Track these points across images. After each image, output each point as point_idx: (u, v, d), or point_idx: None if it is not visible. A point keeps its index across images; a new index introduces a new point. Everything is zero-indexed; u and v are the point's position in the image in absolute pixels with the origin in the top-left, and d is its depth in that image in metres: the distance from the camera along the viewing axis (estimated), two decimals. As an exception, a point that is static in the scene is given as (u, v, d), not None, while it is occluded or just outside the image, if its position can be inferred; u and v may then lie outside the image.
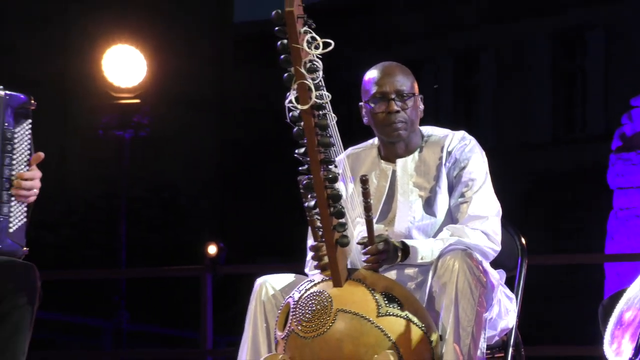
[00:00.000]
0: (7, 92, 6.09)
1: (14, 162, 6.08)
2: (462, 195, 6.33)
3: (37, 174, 6.12)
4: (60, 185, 32.38)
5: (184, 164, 38.53)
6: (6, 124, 6.06)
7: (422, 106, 6.48)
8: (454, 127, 6.59)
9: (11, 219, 6.08)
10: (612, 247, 15.08)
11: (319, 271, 5.94)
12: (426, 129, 6.51)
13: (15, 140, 6.12)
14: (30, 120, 6.20)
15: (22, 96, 6.16)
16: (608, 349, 5.53)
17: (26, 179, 6.07)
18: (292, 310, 5.88)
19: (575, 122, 39.46)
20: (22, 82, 6.55)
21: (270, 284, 6.21)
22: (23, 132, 6.15)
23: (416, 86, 6.47)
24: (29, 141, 6.16)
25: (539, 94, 40.86)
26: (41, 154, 6.20)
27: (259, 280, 6.25)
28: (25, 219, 6.16)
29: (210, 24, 44.55)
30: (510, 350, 6.41)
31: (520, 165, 31.79)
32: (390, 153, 6.43)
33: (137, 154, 24.37)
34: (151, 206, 34.05)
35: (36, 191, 6.18)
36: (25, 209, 6.18)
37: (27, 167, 6.15)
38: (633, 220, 14.78)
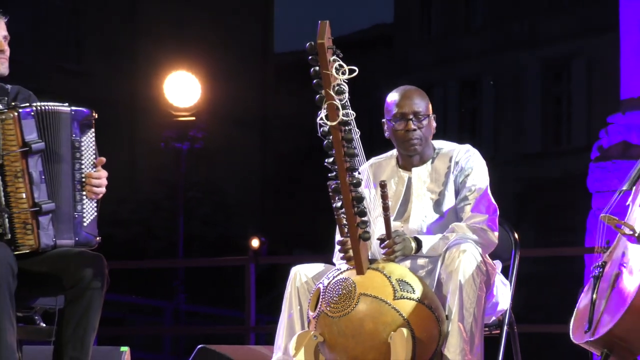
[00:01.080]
0: (73, 107, 6.08)
1: (82, 166, 6.08)
2: (466, 198, 6.32)
3: (103, 174, 6.11)
4: (130, 188, 32.44)
5: (231, 171, 38.62)
6: (74, 135, 6.05)
7: (434, 124, 6.48)
8: (460, 140, 6.59)
9: (84, 215, 6.08)
10: (590, 241, 15.03)
11: (344, 261, 5.93)
12: (437, 143, 6.50)
13: (82, 148, 6.11)
14: (93, 130, 6.18)
15: (85, 110, 6.14)
16: (572, 329, 5.53)
17: (94, 179, 6.09)
18: (322, 294, 5.86)
19: (561, 136, 39.61)
20: (99, 103, 6.59)
21: (303, 272, 6.20)
22: (88, 140, 6.14)
23: (430, 107, 6.46)
24: (93, 147, 6.14)
25: (531, 113, 41.06)
26: (103, 159, 6.19)
27: (294, 269, 6.24)
28: (95, 214, 6.15)
29: (255, 53, 44.65)
30: (505, 328, 6.40)
31: (514, 173, 31.74)
32: (407, 163, 6.43)
33: (192, 163, 24.46)
34: (204, 206, 34.12)
35: (103, 189, 6.18)
36: (95, 204, 6.18)
37: (94, 169, 6.16)
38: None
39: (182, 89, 21.88)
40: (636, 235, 5.33)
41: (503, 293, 6.34)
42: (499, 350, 6.35)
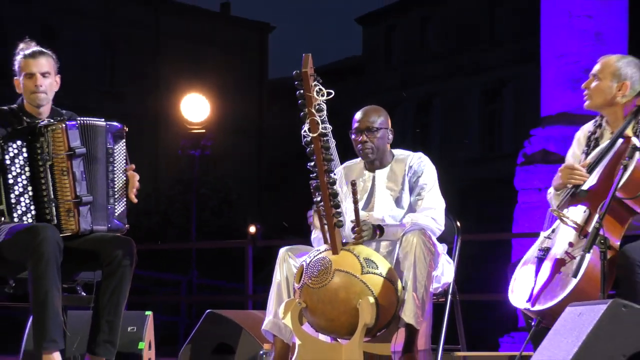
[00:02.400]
0: (108, 122, 6.24)
1: (115, 169, 6.22)
2: (419, 194, 6.33)
3: (132, 175, 6.32)
4: (153, 186, 32.39)
5: (234, 172, 38.53)
6: (108, 144, 6.18)
7: (391, 136, 6.47)
8: (415, 149, 6.60)
9: (116, 207, 6.23)
10: (517, 229, 15.04)
11: (323, 243, 5.96)
12: (396, 151, 6.51)
13: (115, 154, 6.22)
14: (124, 140, 6.30)
15: (118, 124, 6.29)
16: (511, 296, 5.51)
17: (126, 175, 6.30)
18: (304, 269, 5.87)
19: (494, 145, 39.72)
20: (128, 118, 6.63)
21: (290, 253, 6.20)
22: (120, 149, 6.25)
23: (388, 122, 6.46)
24: (124, 154, 6.27)
25: (472, 126, 41.16)
26: (133, 165, 6.36)
27: (282, 250, 6.24)
28: (124, 207, 6.29)
29: (253, 79, 44.74)
30: (449, 296, 6.43)
31: (459, 174, 31.71)
32: (371, 166, 6.44)
33: (203, 166, 24.41)
34: (212, 200, 34.05)
35: (135, 191, 6.28)
36: (125, 200, 6.28)
37: (125, 174, 6.25)
38: (531, 211, 14.72)
39: (195, 107, 21.90)
40: (576, 227, 5.32)
41: (447, 269, 6.36)
42: (444, 314, 6.37)
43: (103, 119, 6.24)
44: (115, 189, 6.22)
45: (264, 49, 47.39)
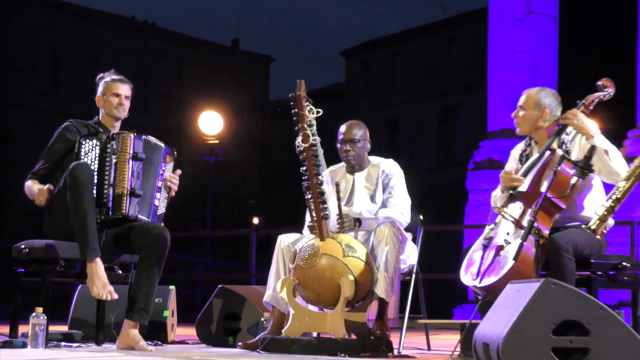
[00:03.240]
0: (166, 146, 6.45)
1: (161, 179, 6.38)
2: (390, 193, 6.32)
3: (176, 182, 6.53)
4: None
5: (242, 175, 38.54)
6: (162, 160, 6.37)
7: (369, 146, 6.48)
8: (387, 156, 6.59)
9: (159, 207, 6.36)
10: (467, 221, 15.05)
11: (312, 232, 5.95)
12: (372, 158, 6.50)
13: (165, 170, 6.42)
14: (173, 162, 6.52)
15: (170, 149, 6.49)
16: (463, 275, 5.51)
17: (174, 180, 6.50)
18: (297, 253, 5.86)
19: (450, 155, 39.73)
20: (156, 131, 6.61)
21: (286, 239, 6.19)
22: (169, 167, 6.48)
23: (367, 134, 6.47)
24: (171, 170, 6.50)
25: (432, 140, 41.23)
26: (179, 171, 6.56)
27: (280, 237, 6.24)
28: (164, 210, 6.40)
29: (257, 101, 44.72)
30: (414, 275, 6.42)
31: (422, 178, 31.73)
32: (351, 170, 6.43)
33: (216, 171, 24.36)
34: (224, 198, 34.09)
35: (173, 194, 6.47)
36: (165, 204, 6.40)
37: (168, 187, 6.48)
38: (479, 207, 14.72)
39: (210, 122, 21.86)
40: (514, 221, 5.33)
41: (412, 253, 6.36)
42: (409, 289, 6.37)
43: (163, 142, 6.40)
44: (161, 194, 6.32)
45: (266, 76, 47.44)
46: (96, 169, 6.03)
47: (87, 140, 6.07)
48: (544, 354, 3.85)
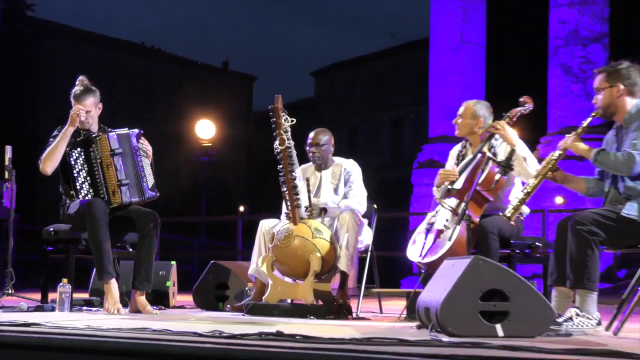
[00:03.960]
0: (131, 129, 6.22)
1: (140, 158, 6.17)
2: (350, 186, 6.32)
3: (149, 149, 6.29)
4: (176, 182, 32.20)
5: (232, 172, 38.39)
6: (133, 143, 6.16)
7: (332, 149, 6.49)
8: (348, 157, 6.59)
9: (147, 182, 6.18)
10: (413, 209, 15.09)
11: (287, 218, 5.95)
12: (336, 158, 6.50)
13: (140, 149, 6.20)
14: (142, 139, 6.25)
15: (137, 130, 6.26)
16: (409, 253, 5.53)
17: (146, 147, 6.27)
18: (275, 235, 5.86)
19: (399, 156, 39.76)
20: (160, 136, 6.56)
21: (266, 224, 6.20)
22: (142, 144, 6.21)
23: (331, 140, 6.47)
24: (145, 148, 6.23)
25: (384, 144, 41.24)
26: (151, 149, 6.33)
27: (261, 222, 6.24)
28: (153, 180, 6.23)
29: (243, 111, 44.54)
30: (369, 252, 6.43)
31: (376, 174, 31.74)
32: (319, 168, 6.43)
33: (210, 168, 24.25)
34: (216, 190, 33.93)
35: (150, 156, 6.29)
36: (152, 175, 6.23)
37: (148, 158, 6.24)
38: (422, 198, 14.75)
39: (205, 129, 21.75)
40: (451, 210, 5.36)
41: (368, 235, 6.38)
42: (366, 264, 6.38)
43: (127, 128, 6.24)
44: (145, 171, 6.17)
45: (250, 91, 47.33)
46: (87, 172, 6.01)
47: (74, 150, 6.02)
48: (473, 316, 3.87)
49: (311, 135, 6.45)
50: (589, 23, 14.67)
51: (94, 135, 6.09)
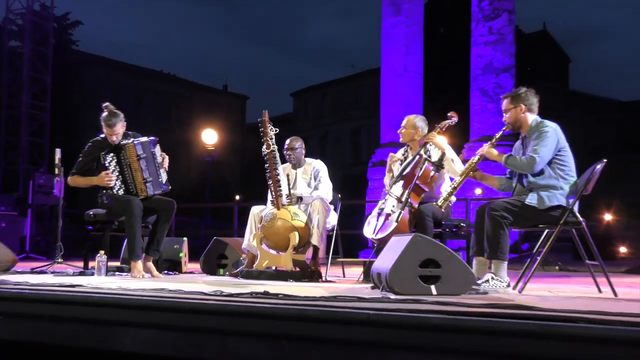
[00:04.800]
0: (151, 137, 6.13)
1: (157, 160, 6.08)
2: (319, 180, 6.29)
3: (165, 157, 6.18)
4: (186, 178, 31.97)
5: (229, 169, 38.22)
6: (152, 148, 6.07)
7: (304, 152, 6.45)
8: (317, 158, 6.56)
9: (162, 179, 6.09)
10: (368, 198, 15.08)
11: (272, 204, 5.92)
12: (307, 159, 6.46)
13: (156, 153, 6.10)
14: (158, 145, 6.15)
15: (154, 138, 6.17)
16: (365, 231, 5.52)
17: (165, 162, 6.15)
18: (263, 218, 5.83)
19: (358, 157, 39.71)
20: (176, 142, 6.51)
21: (256, 209, 6.15)
22: (158, 149, 6.12)
23: (302, 145, 6.45)
24: (160, 152, 6.12)
25: (347, 148, 41.16)
26: (165, 155, 6.23)
27: (252, 208, 6.18)
28: (166, 176, 6.14)
29: (238, 122, 44.27)
30: (335, 231, 6.40)
31: (340, 171, 31.79)
32: (294, 167, 6.39)
33: (213, 166, 24.10)
34: (217, 184, 33.71)
35: (166, 166, 6.17)
36: (165, 172, 6.14)
37: (162, 160, 6.15)
38: (375, 189, 14.74)
39: (209, 136, 21.58)
40: (397, 198, 5.36)
41: (333, 218, 6.33)
42: (332, 240, 6.36)
43: (146, 137, 6.13)
44: (160, 170, 6.08)
45: (244, 107, 47.01)
46: (119, 172, 5.96)
47: (107, 154, 5.97)
48: (414, 279, 3.87)
49: (287, 142, 6.42)
50: (500, 58, 14.76)
51: (123, 143, 6.01)
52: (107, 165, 5.95)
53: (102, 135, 6.06)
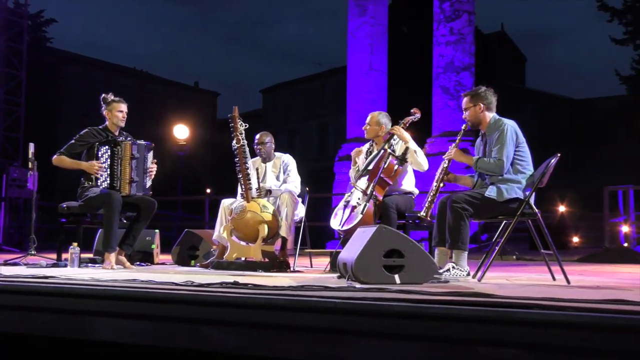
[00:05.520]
0: (147, 142, 6.10)
1: (147, 165, 6.04)
2: (288, 174, 6.29)
3: (154, 166, 6.07)
4: (159, 171, 31.60)
5: (201, 163, 37.99)
6: (146, 152, 6.04)
7: (273, 146, 6.43)
8: (286, 152, 6.55)
9: (147, 184, 6.05)
10: (335, 191, 15.09)
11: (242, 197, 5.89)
12: (277, 153, 6.46)
13: (147, 158, 6.06)
14: (152, 151, 6.12)
15: (150, 143, 6.14)
16: (332, 223, 5.53)
17: (153, 169, 6.07)
18: (233, 210, 5.80)
19: (325, 152, 39.65)
20: (147, 137, 6.40)
21: (226, 202, 6.12)
22: (150, 155, 6.08)
23: (272, 140, 6.43)
24: (151, 158, 6.08)
25: (315, 143, 41.10)
26: (155, 161, 6.16)
27: (223, 200, 6.15)
28: (150, 183, 6.10)
29: (209, 118, 44.02)
30: (302, 223, 6.39)
31: (308, 165, 31.68)
32: (264, 160, 6.38)
33: (185, 160, 23.90)
34: (189, 176, 33.46)
35: (153, 174, 6.11)
36: (151, 180, 6.11)
37: (151, 166, 6.09)
38: (341, 182, 14.77)
39: (181, 131, 21.46)
40: (362, 191, 5.37)
41: (301, 210, 6.32)
42: (300, 232, 6.35)
43: (143, 140, 6.10)
44: (147, 175, 6.04)
45: (215, 103, 46.81)
46: (108, 165, 5.89)
47: (102, 147, 5.92)
48: (378, 269, 3.88)
49: (257, 136, 6.41)
50: (460, 57, 14.86)
51: (121, 139, 5.99)
52: (99, 156, 5.90)
53: (101, 127, 6.05)
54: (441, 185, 4.87)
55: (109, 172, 5.90)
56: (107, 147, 5.92)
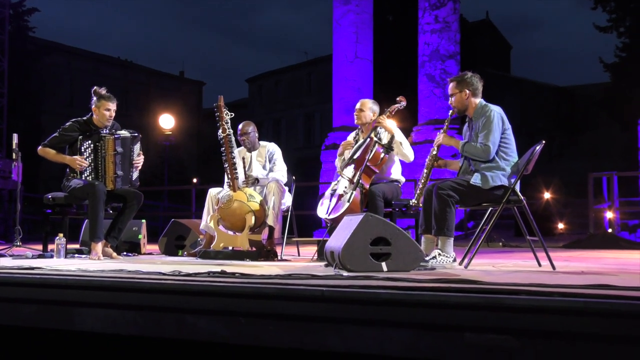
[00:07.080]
0: (132, 133, 6.01)
1: (133, 157, 5.98)
2: (274, 163, 6.28)
3: (142, 159, 6.03)
4: (145, 161, 31.46)
5: (187, 153, 37.87)
6: (131, 145, 5.98)
7: (257, 135, 6.42)
8: (271, 141, 6.53)
9: (133, 176, 6.00)
10: (321, 180, 15.09)
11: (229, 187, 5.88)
12: (262, 142, 6.44)
13: (134, 150, 6.00)
14: (139, 142, 6.06)
15: (137, 134, 6.05)
16: (318, 211, 5.53)
17: (139, 161, 6.02)
18: (220, 199, 5.79)
19: (311, 140, 39.65)
20: (133, 126, 6.35)
21: (213, 191, 6.11)
22: (136, 147, 6.02)
23: (255, 129, 6.42)
24: (139, 149, 6.03)
25: (300, 132, 41.07)
26: (141, 153, 6.11)
27: (209, 190, 6.14)
28: (137, 175, 6.05)
29: (194, 107, 43.88)
30: (289, 212, 6.39)
31: (294, 154, 31.71)
32: (249, 150, 6.36)
33: (170, 150, 23.81)
34: (175, 166, 33.42)
35: (140, 166, 6.06)
36: (138, 172, 6.06)
37: (139, 158, 6.03)
38: (328, 171, 14.76)
39: (166, 121, 21.32)
40: (349, 179, 5.37)
41: (288, 199, 6.32)
42: (287, 220, 6.35)
43: (129, 132, 6.02)
44: (133, 167, 5.99)
45: (200, 93, 46.67)
46: (91, 160, 5.84)
47: (85, 141, 5.85)
48: (365, 257, 3.89)
49: (240, 127, 6.38)
50: (446, 45, 14.88)
51: (103, 134, 5.90)
52: (82, 151, 5.83)
53: (85, 118, 5.97)
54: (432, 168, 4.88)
55: (93, 167, 5.85)
56: (89, 142, 5.86)
